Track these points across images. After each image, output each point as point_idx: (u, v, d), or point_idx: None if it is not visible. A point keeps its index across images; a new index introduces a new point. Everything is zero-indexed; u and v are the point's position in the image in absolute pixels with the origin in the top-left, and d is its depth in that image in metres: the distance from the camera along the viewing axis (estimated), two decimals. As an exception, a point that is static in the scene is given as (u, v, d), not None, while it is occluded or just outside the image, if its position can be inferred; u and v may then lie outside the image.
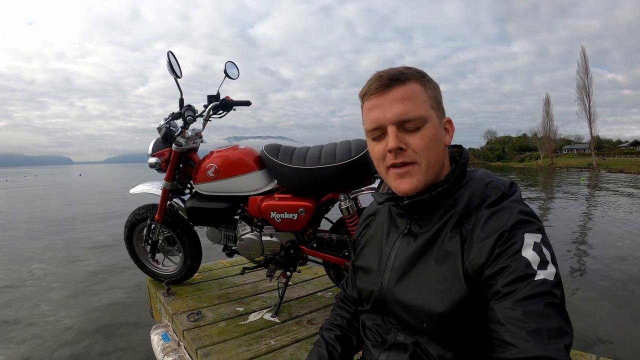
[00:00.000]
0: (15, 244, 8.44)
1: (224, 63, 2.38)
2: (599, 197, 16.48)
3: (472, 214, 0.81)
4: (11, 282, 5.69)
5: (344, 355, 1.02)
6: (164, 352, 2.02)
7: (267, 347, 1.84)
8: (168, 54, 2.17)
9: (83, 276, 5.95)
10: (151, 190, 2.51)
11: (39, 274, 6.12)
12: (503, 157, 75.63)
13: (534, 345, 0.63)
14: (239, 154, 2.26)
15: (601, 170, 39.90)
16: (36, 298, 5.00)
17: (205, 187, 2.27)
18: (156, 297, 2.62)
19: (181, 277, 2.67)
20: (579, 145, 69.67)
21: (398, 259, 0.89)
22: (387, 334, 0.92)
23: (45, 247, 8.00)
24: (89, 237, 9.03)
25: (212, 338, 1.93)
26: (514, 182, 0.85)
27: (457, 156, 0.91)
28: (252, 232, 2.23)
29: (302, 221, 2.11)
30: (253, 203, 2.19)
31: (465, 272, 0.77)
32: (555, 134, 62.70)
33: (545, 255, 0.72)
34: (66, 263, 6.76)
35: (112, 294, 5.13)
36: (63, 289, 5.38)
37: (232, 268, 3.16)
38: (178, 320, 2.15)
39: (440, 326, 0.79)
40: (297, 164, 2.08)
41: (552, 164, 55.57)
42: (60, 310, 4.59)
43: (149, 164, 2.39)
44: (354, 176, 2.01)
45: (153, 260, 2.76)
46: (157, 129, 2.36)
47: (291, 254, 2.20)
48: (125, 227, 2.69)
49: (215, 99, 2.35)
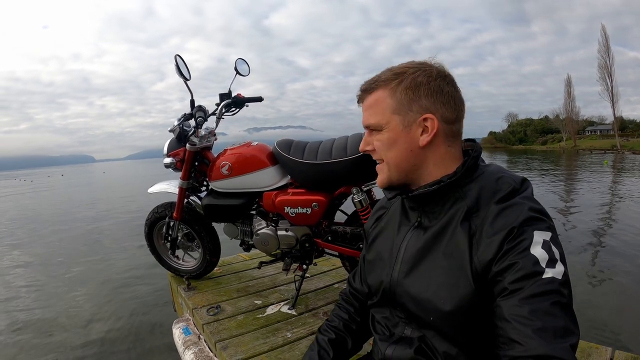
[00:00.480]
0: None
1: (235, 60, 2.41)
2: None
3: (481, 207, 0.81)
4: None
5: (336, 359, 1.04)
6: (185, 346, 2.08)
7: (283, 339, 1.88)
8: (175, 58, 2.20)
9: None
10: (168, 189, 2.57)
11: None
12: (525, 140, 73.91)
13: (539, 344, 0.64)
14: (252, 150, 2.29)
15: (625, 152, 38.73)
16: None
17: (220, 184, 2.31)
18: (177, 292, 2.69)
19: (201, 272, 2.73)
20: (602, 127, 67.53)
21: (408, 251, 0.90)
22: (395, 328, 0.93)
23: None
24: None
25: (231, 331, 1.99)
26: (526, 178, 0.84)
27: (470, 150, 0.91)
28: (267, 226, 2.27)
29: (316, 215, 2.13)
30: (267, 198, 2.22)
31: (473, 268, 0.77)
32: (577, 115, 60.85)
33: (554, 254, 0.72)
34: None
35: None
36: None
37: (251, 261, 3.21)
38: (198, 314, 2.21)
39: (447, 320, 0.80)
40: (308, 159, 2.10)
41: (575, 146, 54.11)
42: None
43: (164, 164, 2.44)
44: (365, 169, 2.01)
45: (173, 257, 2.83)
46: (171, 131, 2.41)
47: (306, 247, 2.22)
48: (145, 225, 2.75)
49: (227, 97, 2.37)
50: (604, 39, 47.16)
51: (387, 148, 0.89)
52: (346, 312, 1.13)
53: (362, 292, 1.12)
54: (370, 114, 0.90)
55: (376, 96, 0.89)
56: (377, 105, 0.89)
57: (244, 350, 1.80)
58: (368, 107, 0.91)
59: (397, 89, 0.86)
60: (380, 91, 0.89)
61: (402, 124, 0.86)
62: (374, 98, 0.90)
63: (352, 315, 1.12)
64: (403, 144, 0.88)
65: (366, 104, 0.91)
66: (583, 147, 51.22)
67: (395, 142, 0.88)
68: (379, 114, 0.89)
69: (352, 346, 1.08)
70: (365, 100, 0.91)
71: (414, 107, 0.85)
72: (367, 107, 0.91)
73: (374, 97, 0.90)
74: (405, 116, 0.86)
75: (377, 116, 0.89)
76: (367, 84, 0.91)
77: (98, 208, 14.31)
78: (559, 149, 54.14)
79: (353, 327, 1.10)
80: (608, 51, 46.79)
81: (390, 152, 0.89)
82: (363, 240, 1.17)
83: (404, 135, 0.87)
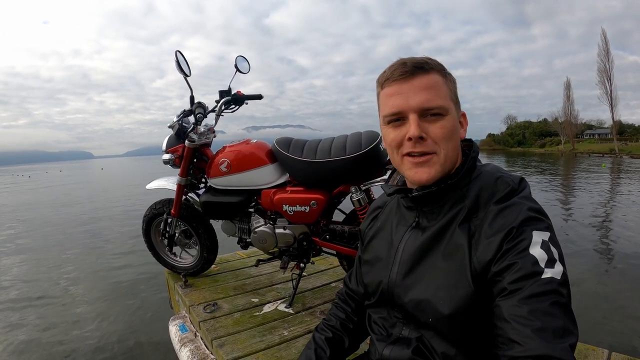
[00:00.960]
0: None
1: (235, 58, 2.40)
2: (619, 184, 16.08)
3: (480, 208, 0.81)
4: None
5: (333, 357, 1.03)
6: (181, 343, 2.07)
7: (280, 337, 1.88)
8: (176, 54, 2.20)
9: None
10: (167, 185, 2.56)
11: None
12: (523, 142, 74.09)
13: (539, 344, 0.63)
14: (251, 148, 2.28)
15: (623, 156, 38.79)
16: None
17: (218, 181, 2.30)
18: (174, 289, 2.68)
19: (198, 270, 2.73)
20: (600, 130, 67.79)
21: (406, 252, 0.89)
22: (392, 328, 0.92)
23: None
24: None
25: (227, 329, 1.98)
26: (524, 178, 0.84)
27: (467, 150, 0.90)
28: (265, 224, 2.26)
29: (314, 213, 2.13)
30: (266, 196, 2.22)
31: (473, 268, 0.77)
32: (576, 118, 61.00)
33: (553, 254, 0.71)
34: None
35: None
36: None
37: (248, 259, 3.20)
38: (195, 311, 2.20)
39: (445, 321, 0.79)
40: (308, 157, 2.09)
41: (573, 149, 54.21)
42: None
43: (163, 160, 2.44)
44: (364, 168, 2.01)
45: (171, 253, 2.82)
46: (170, 127, 2.40)
47: (304, 245, 2.22)
48: (143, 222, 2.75)
49: (227, 94, 2.37)
50: (603, 42, 47.35)
51: (449, 138, 0.82)
52: (343, 311, 1.13)
53: (358, 293, 1.11)
54: (433, 95, 0.81)
55: (435, 78, 0.83)
56: (439, 88, 0.82)
57: (240, 348, 1.79)
58: (428, 87, 0.81)
59: (448, 78, 0.85)
60: (436, 74, 0.83)
61: (457, 113, 0.86)
62: (434, 79, 0.82)
63: (349, 315, 1.11)
64: (458, 134, 0.86)
65: (424, 82, 0.81)
66: (581, 151, 51.35)
67: (456, 132, 0.85)
68: (443, 98, 0.82)
69: (349, 345, 1.08)
70: (422, 78, 0.82)
71: (458, 101, 0.87)
72: (426, 86, 0.81)
73: (433, 78, 0.82)
74: (456, 107, 0.86)
75: (442, 99, 0.82)
76: (420, 61, 0.83)
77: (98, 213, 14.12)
78: (557, 152, 54.25)
79: (350, 327, 1.09)
80: (608, 55, 46.99)
81: (450, 143, 0.83)
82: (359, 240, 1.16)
83: (458, 125, 0.86)
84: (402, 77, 0.82)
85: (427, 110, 0.81)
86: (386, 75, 0.85)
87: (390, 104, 0.84)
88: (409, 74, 0.81)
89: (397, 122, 0.84)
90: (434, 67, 0.83)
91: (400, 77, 0.82)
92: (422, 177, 0.83)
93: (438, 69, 0.84)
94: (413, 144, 0.82)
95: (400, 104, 0.82)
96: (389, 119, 0.85)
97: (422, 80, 0.81)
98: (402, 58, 0.85)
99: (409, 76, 0.82)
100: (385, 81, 0.85)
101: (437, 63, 0.84)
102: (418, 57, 0.84)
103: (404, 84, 0.82)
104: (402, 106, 0.82)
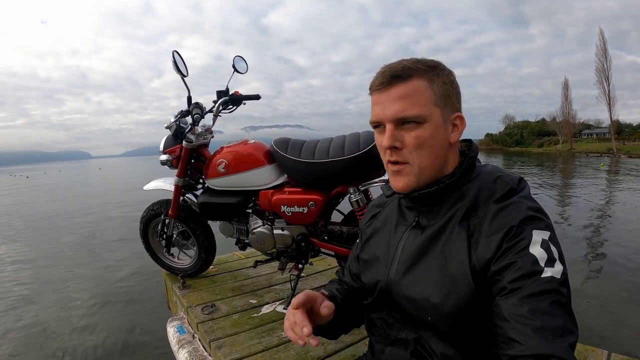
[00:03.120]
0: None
1: (232, 58, 2.40)
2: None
3: (479, 207, 0.81)
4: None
5: (344, 305, 1.03)
6: (179, 345, 2.06)
7: (278, 339, 1.87)
8: (173, 54, 2.19)
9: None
10: (164, 186, 2.55)
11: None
12: (521, 142, 74.32)
13: (539, 343, 0.63)
14: (249, 148, 2.27)
15: (621, 156, 38.89)
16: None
17: (216, 182, 2.30)
18: (172, 290, 2.67)
19: (196, 271, 2.72)
20: (598, 130, 68.05)
21: (405, 251, 0.89)
22: (390, 329, 0.92)
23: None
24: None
25: (225, 330, 1.97)
26: (523, 177, 0.84)
27: (466, 150, 0.90)
28: (263, 225, 2.26)
29: (313, 214, 2.12)
30: (264, 197, 2.21)
31: (472, 267, 0.77)
32: (574, 118, 61.17)
33: (553, 253, 0.72)
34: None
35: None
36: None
37: (246, 260, 3.19)
38: (192, 313, 2.19)
39: (445, 320, 0.79)
40: (306, 157, 2.09)
41: (571, 148, 54.37)
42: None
43: (160, 161, 2.43)
44: (362, 169, 2.00)
45: (168, 254, 2.81)
46: (167, 128, 2.39)
47: (302, 246, 2.21)
48: (140, 223, 2.74)
49: (224, 94, 2.37)
50: (601, 42, 47.46)
51: (422, 147, 0.82)
52: (339, 284, 1.12)
53: (351, 286, 1.10)
54: (408, 104, 0.81)
55: (415, 85, 0.82)
56: (417, 95, 0.81)
57: (238, 349, 1.79)
58: (404, 96, 0.81)
59: (435, 80, 0.83)
60: (418, 80, 0.82)
61: (442, 118, 0.84)
62: (413, 86, 0.81)
63: (349, 295, 1.09)
64: (440, 140, 0.84)
65: (400, 92, 0.81)
66: (579, 150, 51.46)
67: (436, 139, 0.83)
68: (421, 105, 0.81)
69: (350, 310, 1.06)
70: (398, 87, 0.81)
71: (448, 103, 0.85)
72: (402, 95, 0.81)
73: (412, 85, 0.81)
74: (444, 110, 0.84)
75: (419, 107, 0.81)
76: (399, 69, 0.82)
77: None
78: (556, 152, 54.36)
79: (353, 298, 1.08)
80: (605, 55, 47.09)
81: (424, 152, 0.82)
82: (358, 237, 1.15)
83: (442, 130, 0.84)
84: (380, 87, 0.84)
85: (402, 119, 0.82)
86: (371, 83, 0.87)
87: (373, 113, 0.86)
88: (386, 85, 0.83)
89: (379, 129, 0.86)
90: (417, 72, 0.82)
91: (378, 87, 0.84)
92: (398, 185, 0.87)
93: (422, 73, 0.82)
94: (390, 152, 0.84)
95: (378, 113, 0.84)
96: (373, 125, 0.88)
97: (398, 90, 0.82)
98: (384, 66, 0.85)
99: (385, 87, 0.83)
100: (370, 89, 0.87)
101: (423, 66, 0.83)
102: (402, 63, 0.84)
103: (382, 94, 0.83)
104: (379, 116, 0.84)
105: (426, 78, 0.82)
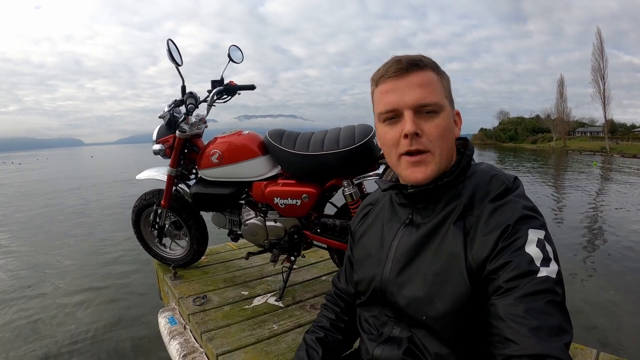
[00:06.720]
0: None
1: (228, 47, 2.37)
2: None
3: (475, 206, 0.81)
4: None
5: (326, 356, 1.02)
6: (170, 336, 2.05)
7: (269, 331, 1.86)
8: (167, 42, 2.16)
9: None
10: (157, 176, 2.53)
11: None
12: (515, 138, 74.73)
13: (535, 343, 0.64)
14: (243, 139, 2.25)
15: (614, 155, 39.17)
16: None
17: (209, 172, 2.27)
18: (164, 281, 2.65)
19: (188, 261, 2.70)
20: (592, 128, 68.39)
21: (400, 249, 0.89)
22: (383, 327, 0.92)
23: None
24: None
25: (217, 322, 1.96)
26: (517, 177, 0.84)
27: (462, 148, 0.90)
28: (256, 217, 2.25)
29: (306, 207, 2.11)
30: (257, 188, 2.20)
31: (468, 266, 0.77)
32: (568, 116, 61.48)
33: (548, 252, 0.72)
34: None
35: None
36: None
37: (238, 251, 3.18)
38: (184, 304, 2.18)
39: (439, 319, 0.79)
40: (300, 150, 2.07)
41: (564, 146, 54.68)
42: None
43: (153, 150, 2.41)
44: (357, 163, 1.99)
45: (160, 245, 2.79)
46: (161, 117, 2.37)
47: (295, 238, 2.20)
48: (132, 213, 2.71)
49: (219, 84, 2.34)
50: (598, 41, 47.54)
51: (443, 136, 0.82)
52: (332, 312, 1.12)
53: (347, 293, 1.10)
54: (428, 92, 0.80)
55: (429, 75, 0.82)
56: (433, 85, 0.82)
57: (229, 342, 1.78)
58: (423, 84, 0.81)
59: (442, 75, 0.85)
60: (431, 72, 0.83)
61: (451, 111, 0.86)
62: (429, 76, 0.82)
63: (339, 315, 1.10)
64: (452, 132, 0.85)
65: (420, 79, 0.81)
66: (573, 148, 51.76)
67: (451, 130, 0.84)
68: (438, 95, 0.82)
69: (341, 343, 1.07)
70: (417, 74, 0.81)
71: (452, 99, 0.87)
72: (421, 82, 0.81)
73: (428, 75, 0.82)
74: (450, 104, 0.86)
75: (437, 96, 0.81)
76: (415, 58, 0.82)
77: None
78: (549, 149, 54.69)
79: (341, 326, 1.08)
80: (602, 54, 47.22)
81: (445, 141, 0.82)
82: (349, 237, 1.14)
83: (452, 123, 0.86)
84: (396, 73, 0.82)
85: (422, 106, 0.80)
86: (381, 73, 0.84)
87: (385, 101, 0.83)
88: (404, 71, 0.81)
89: (393, 120, 0.83)
90: (429, 65, 0.83)
91: (395, 74, 0.82)
92: (417, 176, 0.83)
93: (432, 66, 0.83)
94: (409, 141, 0.81)
95: (395, 100, 0.81)
96: (384, 116, 0.84)
97: (417, 77, 0.81)
98: (396, 56, 0.84)
99: (404, 72, 0.81)
100: (380, 78, 0.84)
101: (431, 61, 0.84)
102: (412, 55, 0.84)
103: (399, 81, 0.81)
104: (397, 103, 0.81)
105: (435, 71, 0.83)
